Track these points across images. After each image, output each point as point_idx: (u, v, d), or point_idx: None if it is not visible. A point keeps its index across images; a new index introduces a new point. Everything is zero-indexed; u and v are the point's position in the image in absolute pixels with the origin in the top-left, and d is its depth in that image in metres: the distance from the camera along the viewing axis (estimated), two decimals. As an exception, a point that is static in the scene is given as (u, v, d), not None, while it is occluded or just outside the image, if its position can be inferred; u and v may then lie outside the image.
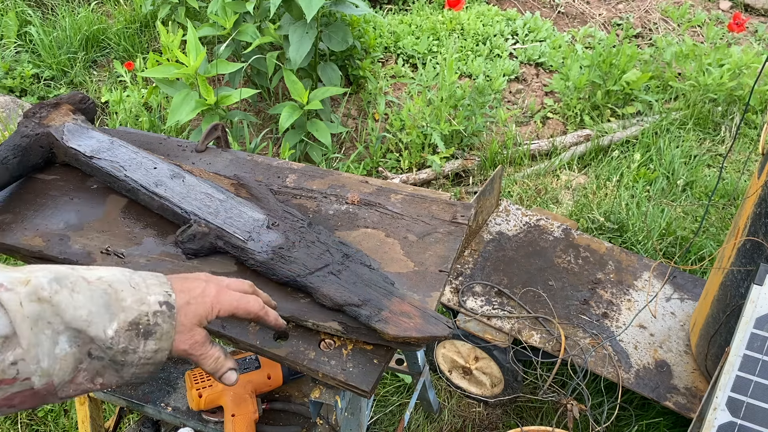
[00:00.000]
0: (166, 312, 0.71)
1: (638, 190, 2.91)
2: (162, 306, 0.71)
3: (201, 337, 0.76)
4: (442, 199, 1.22)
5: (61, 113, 1.26)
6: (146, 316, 0.69)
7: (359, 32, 3.52)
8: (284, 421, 1.36)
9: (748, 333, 1.37)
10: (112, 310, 0.67)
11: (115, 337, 0.67)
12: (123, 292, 0.69)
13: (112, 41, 3.86)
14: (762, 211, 1.55)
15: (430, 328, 0.93)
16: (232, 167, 1.30)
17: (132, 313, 0.68)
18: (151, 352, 0.71)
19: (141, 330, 0.69)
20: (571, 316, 1.97)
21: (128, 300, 0.69)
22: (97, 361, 0.67)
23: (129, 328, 0.68)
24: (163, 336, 0.71)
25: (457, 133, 3.14)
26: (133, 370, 0.70)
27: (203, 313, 0.76)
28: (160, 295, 0.72)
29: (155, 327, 0.70)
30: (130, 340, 0.68)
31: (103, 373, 0.68)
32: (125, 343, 0.68)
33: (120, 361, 0.68)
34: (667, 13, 4.36)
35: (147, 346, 0.70)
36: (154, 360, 0.72)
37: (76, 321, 0.65)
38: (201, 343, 0.77)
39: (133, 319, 0.68)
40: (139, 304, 0.69)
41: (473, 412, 2.09)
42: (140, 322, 0.69)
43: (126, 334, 0.68)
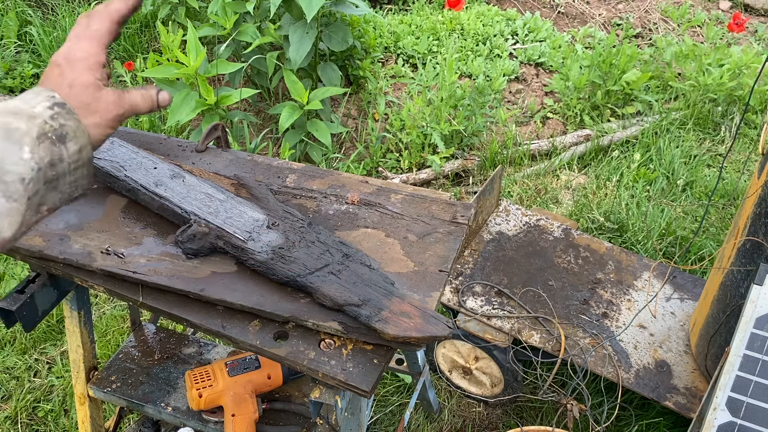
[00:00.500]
0: (61, 111, 0.69)
1: (638, 190, 2.91)
2: (54, 108, 0.68)
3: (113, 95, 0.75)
4: (442, 199, 1.22)
5: (61, 113, 1.26)
6: (46, 124, 0.67)
7: (359, 32, 3.52)
8: (284, 421, 1.37)
9: (748, 333, 1.37)
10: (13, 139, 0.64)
11: (33, 156, 0.65)
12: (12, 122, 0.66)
13: (112, 41, 3.86)
14: (762, 211, 1.55)
15: (430, 328, 0.93)
16: (232, 167, 1.30)
17: (33, 130, 0.66)
18: (75, 153, 0.69)
19: (52, 137, 0.67)
20: (571, 316, 1.97)
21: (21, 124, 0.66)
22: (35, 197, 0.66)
23: (40, 141, 0.66)
24: (77, 132, 0.70)
25: (457, 133, 3.14)
26: (68, 179, 0.69)
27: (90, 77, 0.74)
28: (45, 101, 0.69)
29: (63, 128, 0.68)
30: (50, 151, 0.66)
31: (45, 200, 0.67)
32: (47, 155, 0.66)
33: (52, 176, 0.67)
34: (667, 13, 4.37)
35: (69, 149, 0.68)
36: (83, 159, 0.70)
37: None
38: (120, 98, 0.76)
39: (37, 133, 0.66)
40: (31, 120, 0.66)
41: (473, 412, 2.09)
42: (45, 131, 0.67)
43: (42, 147, 0.66)
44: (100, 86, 0.75)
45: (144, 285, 1.04)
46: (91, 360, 1.44)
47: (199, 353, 1.55)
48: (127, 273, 1.04)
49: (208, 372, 1.35)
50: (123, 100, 0.77)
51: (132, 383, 1.46)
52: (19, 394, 2.11)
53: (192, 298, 1.02)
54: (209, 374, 1.34)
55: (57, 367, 2.19)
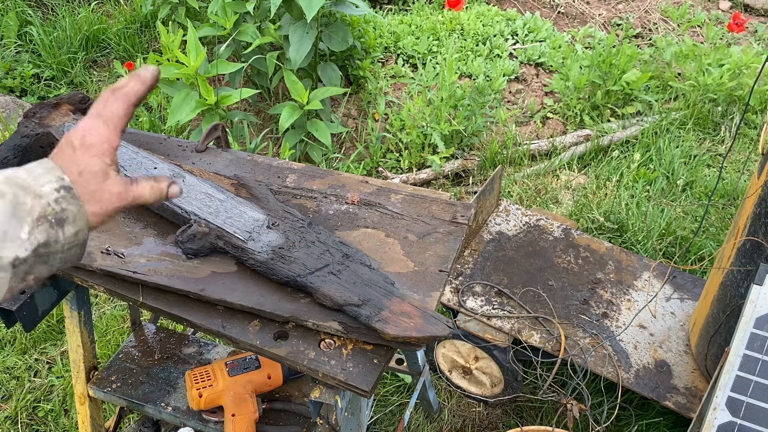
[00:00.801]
0: (66, 195, 0.70)
1: (638, 190, 2.91)
2: (60, 191, 0.70)
3: (118, 186, 0.76)
4: (442, 199, 1.22)
5: (62, 113, 1.27)
6: (49, 206, 0.68)
7: (359, 32, 3.52)
8: (284, 421, 1.37)
9: (748, 333, 1.37)
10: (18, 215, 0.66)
11: (30, 237, 0.67)
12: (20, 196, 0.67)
13: (113, 41, 3.86)
14: (762, 211, 1.55)
15: (430, 328, 0.93)
16: (232, 167, 1.30)
17: (35, 210, 0.67)
18: (71, 236, 0.71)
19: (52, 221, 0.68)
20: (571, 316, 1.97)
21: (28, 201, 0.67)
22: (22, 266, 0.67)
23: (39, 223, 0.67)
24: (76, 217, 0.71)
25: (457, 133, 3.14)
26: (60, 256, 0.71)
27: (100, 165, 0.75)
28: (53, 183, 0.70)
29: (64, 212, 0.70)
30: (46, 233, 0.68)
31: (33, 271, 0.69)
32: (43, 237, 0.68)
33: (44, 253, 0.69)
34: (666, 13, 4.37)
35: (66, 231, 0.70)
36: (78, 241, 0.72)
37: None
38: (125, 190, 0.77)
39: (38, 215, 0.67)
40: (37, 199, 0.68)
41: (473, 412, 2.09)
42: (46, 214, 0.68)
43: (40, 229, 0.67)
44: (108, 174, 0.76)
45: (144, 285, 1.04)
46: (91, 360, 1.45)
47: (199, 353, 1.55)
48: (127, 273, 1.04)
49: (208, 372, 1.35)
50: (128, 193, 0.77)
51: (132, 383, 1.46)
52: (20, 394, 2.11)
53: (192, 298, 1.03)
54: (209, 374, 1.34)
55: (57, 367, 2.19)
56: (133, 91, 0.80)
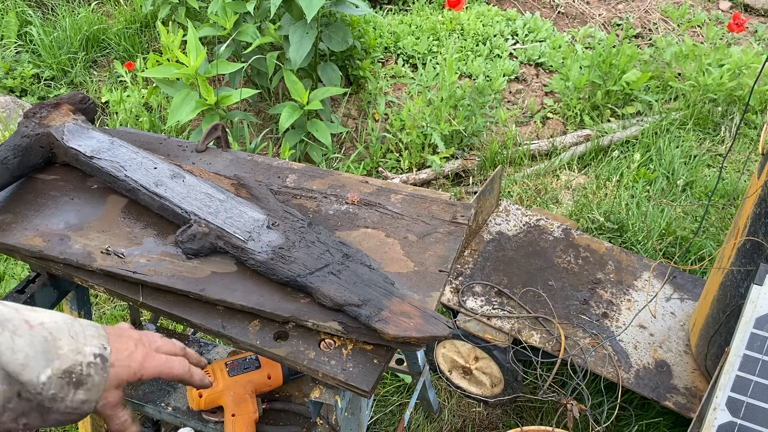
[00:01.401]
0: (99, 364, 0.72)
1: (638, 190, 2.91)
2: (97, 358, 0.72)
3: (115, 399, 0.77)
4: (442, 199, 1.22)
5: (62, 113, 1.27)
6: (80, 366, 0.70)
7: (359, 32, 3.52)
8: (284, 421, 1.37)
9: (748, 333, 1.37)
10: (48, 356, 0.68)
11: (47, 383, 0.67)
12: (61, 340, 0.69)
13: (113, 41, 3.86)
14: (762, 211, 1.55)
15: (430, 328, 0.93)
16: (232, 167, 1.30)
17: (67, 361, 0.69)
18: (78, 402, 0.71)
19: (74, 379, 0.70)
20: (571, 316, 1.97)
21: (65, 348, 0.69)
22: (25, 403, 0.67)
23: (62, 375, 0.68)
24: (94, 387, 0.72)
25: (457, 133, 3.14)
26: (56, 416, 0.70)
27: (125, 377, 0.77)
28: (96, 347, 0.72)
29: (87, 378, 0.71)
30: (60, 388, 0.69)
31: (28, 415, 0.68)
32: (56, 390, 0.68)
33: (47, 407, 0.69)
34: (666, 13, 4.37)
35: (76, 396, 0.70)
36: (80, 411, 0.72)
37: (11, 364, 0.65)
38: (113, 405, 0.77)
39: (67, 368, 0.69)
40: (75, 353, 0.70)
41: (473, 412, 2.09)
42: (74, 371, 0.70)
43: (58, 382, 0.68)
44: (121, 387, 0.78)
45: (144, 285, 1.04)
46: (91, 360, 1.44)
47: (199, 353, 1.55)
48: (127, 273, 1.04)
49: (208, 372, 1.35)
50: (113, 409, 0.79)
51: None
52: (19, 394, 2.10)
53: (192, 298, 1.03)
54: (209, 374, 1.34)
55: (57, 367, 2.19)
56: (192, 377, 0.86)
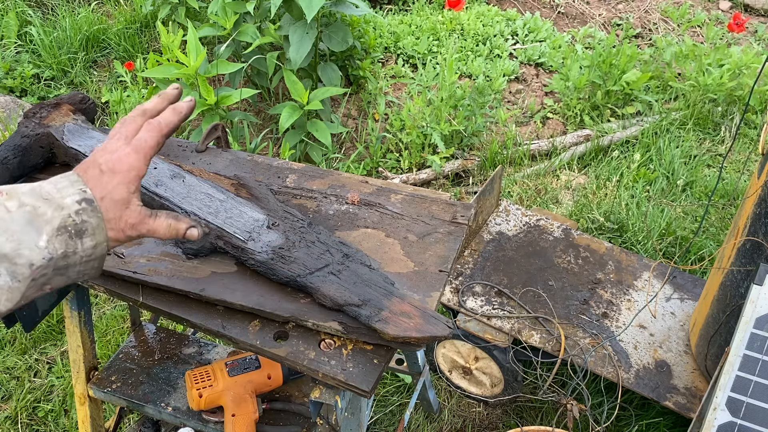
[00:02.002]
0: (87, 208, 0.72)
1: (638, 190, 2.91)
2: (81, 204, 0.72)
3: (136, 216, 0.77)
4: (442, 199, 1.22)
5: (62, 113, 1.27)
6: (70, 218, 0.70)
7: (359, 32, 3.52)
8: (284, 421, 1.37)
9: (748, 333, 1.37)
10: (35, 225, 0.68)
11: (48, 246, 0.68)
12: (40, 207, 0.69)
13: (113, 41, 3.86)
14: (762, 211, 1.55)
15: (430, 328, 0.93)
16: (232, 167, 1.30)
17: (56, 220, 0.69)
18: (90, 248, 0.72)
19: (71, 231, 0.70)
20: (571, 316, 1.97)
21: (48, 212, 0.69)
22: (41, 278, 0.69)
23: (59, 233, 0.69)
24: (96, 230, 0.72)
25: (457, 133, 3.14)
26: (78, 268, 0.72)
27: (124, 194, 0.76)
28: (76, 195, 0.72)
29: (84, 224, 0.71)
30: (65, 244, 0.69)
31: (50, 281, 0.70)
32: (62, 248, 0.69)
33: (62, 266, 0.70)
34: (666, 13, 4.37)
35: (84, 244, 0.71)
36: (96, 254, 0.73)
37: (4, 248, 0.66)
38: (141, 221, 0.77)
39: (58, 225, 0.69)
40: (58, 210, 0.70)
41: (473, 412, 2.09)
42: (66, 224, 0.70)
43: (59, 240, 0.69)
44: (129, 202, 0.76)
45: (144, 285, 1.04)
46: (91, 360, 1.45)
47: (199, 353, 1.55)
48: (127, 273, 1.04)
49: (208, 372, 1.35)
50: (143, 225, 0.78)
51: (132, 383, 1.46)
52: (20, 394, 2.11)
53: (192, 298, 1.03)
54: (209, 374, 1.34)
55: (57, 367, 2.19)
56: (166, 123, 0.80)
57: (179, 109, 0.82)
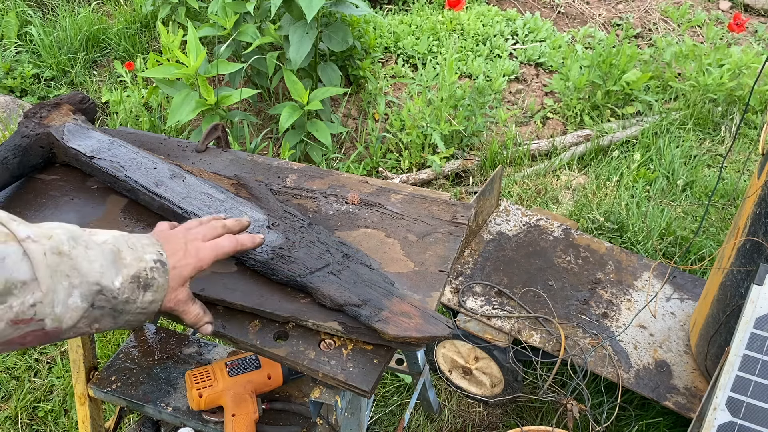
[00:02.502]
0: (160, 268, 0.83)
1: (638, 190, 2.91)
2: (156, 263, 0.82)
3: (184, 296, 0.88)
4: (442, 199, 1.22)
5: (62, 113, 1.27)
6: (145, 271, 0.80)
7: (359, 32, 3.52)
8: (284, 421, 1.37)
9: (748, 333, 1.37)
10: (117, 266, 0.78)
11: (121, 288, 0.77)
12: (123, 251, 0.79)
13: (113, 41, 3.86)
14: (762, 211, 1.55)
15: (430, 328, 0.93)
16: (232, 167, 1.30)
17: (133, 268, 0.79)
18: (147, 302, 0.82)
19: (141, 283, 0.80)
20: (571, 316, 1.97)
21: (128, 258, 0.79)
22: (98, 311, 0.76)
23: (132, 280, 0.79)
24: (159, 288, 0.82)
25: (457, 133, 3.14)
26: (128, 317, 0.81)
27: (188, 275, 0.87)
28: (154, 254, 0.83)
29: (152, 280, 0.81)
30: (132, 291, 0.79)
31: (101, 320, 0.78)
32: (129, 293, 0.79)
33: (120, 309, 0.79)
34: (667, 14, 4.37)
35: (145, 297, 0.81)
36: (148, 310, 0.83)
37: (92, 274, 0.74)
38: (184, 301, 0.88)
39: (134, 273, 0.79)
40: (138, 261, 0.80)
41: (473, 412, 2.09)
42: (141, 275, 0.80)
43: (130, 286, 0.78)
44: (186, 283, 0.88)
45: (144, 285, 1.04)
46: (91, 360, 1.45)
47: (199, 353, 1.55)
48: (127, 273, 1.04)
49: (208, 372, 1.35)
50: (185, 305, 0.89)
51: (132, 383, 1.46)
52: (20, 394, 2.11)
53: (192, 298, 1.02)
54: (209, 374, 1.34)
55: (57, 367, 2.19)
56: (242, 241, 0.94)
57: (255, 239, 0.97)
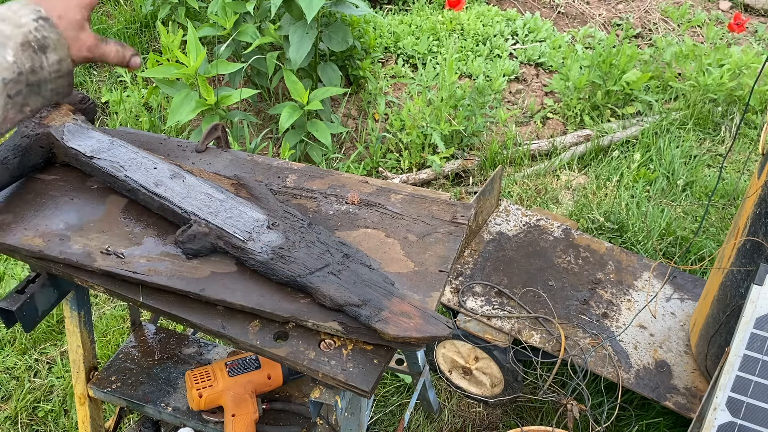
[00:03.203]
0: (45, 25, 0.76)
1: (638, 190, 2.91)
2: (38, 21, 0.76)
3: (92, 41, 0.83)
4: (442, 199, 1.22)
5: (61, 113, 1.27)
6: (30, 33, 0.74)
7: (359, 32, 3.52)
8: (284, 421, 1.37)
9: (748, 333, 1.37)
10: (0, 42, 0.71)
11: (17, 61, 0.72)
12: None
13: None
14: (762, 211, 1.55)
15: (430, 328, 0.93)
16: (232, 167, 1.30)
17: (17, 36, 0.73)
18: (55, 63, 0.77)
19: (35, 46, 0.74)
20: (571, 316, 1.97)
21: (7, 30, 0.73)
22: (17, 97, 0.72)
23: (23, 48, 0.73)
24: (57, 45, 0.77)
25: (457, 133, 3.14)
26: (50, 86, 0.77)
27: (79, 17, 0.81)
28: (31, 14, 0.76)
29: (45, 39, 0.76)
30: (31, 59, 0.74)
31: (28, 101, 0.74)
32: (29, 62, 0.73)
33: (33, 81, 0.74)
34: (667, 14, 4.37)
35: (49, 59, 0.76)
36: (63, 70, 0.78)
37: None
38: (95, 45, 0.84)
39: (21, 40, 0.73)
40: (17, 27, 0.74)
41: (473, 412, 2.09)
42: (29, 40, 0.74)
43: (25, 55, 0.73)
44: (84, 26, 0.82)
45: (144, 285, 1.04)
46: (91, 360, 1.44)
47: (199, 353, 1.55)
48: (127, 273, 1.04)
49: (208, 372, 1.35)
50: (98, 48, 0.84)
51: (132, 383, 1.46)
52: (19, 394, 2.11)
53: (192, 298, 1.03)
54: (209, 374, 1.34)
55: (57, 367, 2.19)
56: None
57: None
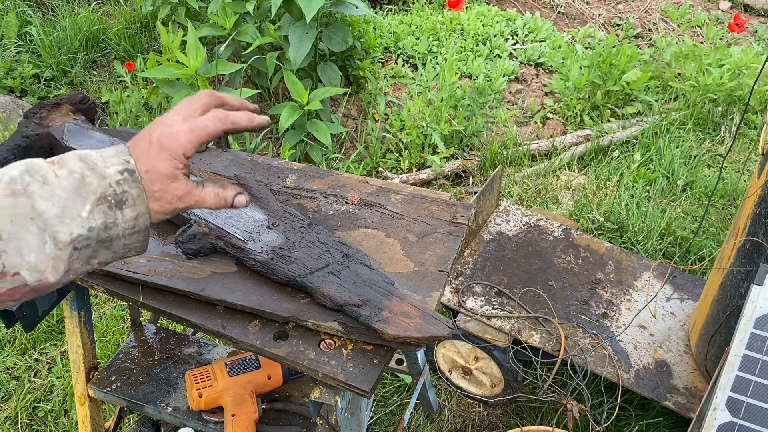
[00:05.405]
0: (128, 178, 0.72)
1: (638, 190, 2.91)
2: (123, 174, 0.71)
3: (183, 189, 0.76)
4: (442, 199, 1.22)
5: (62, 113, 1.27)
6: (110, 187, 0.70)
7: (359, 32, 3.52)
8: (284, 421, 1.37)
9: (748, 333, 1.37)
10: (82, 194, 0.69)
11: (90, 217, 0.69)
12: (88, 176, 0.69)
13: (113, 41, 3.86)
14: (762, 211, 1.55)
15: (430, 328, 0.93)
16: (232, 167, 1.30)
17: (98, 190, 0.69)
18: (131, 219, 0.72)
19: (111, 201, 0.70)
20: (571, 316, 1.97)
21: (94, 182, 0.70)
22: (85, 250, 0.69)
23: (98, 203, 0.69)
24: (136, 201, 0.72)
25: (457, 133, 3.14)
26: (122, 242, 0.72)
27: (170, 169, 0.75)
28: (118, 165, 0.71)
29: (124, 194, 0.71)
30: (104, 215, 0.70)
31: (96, 255, 0.71)
32: (102, 218, 0.69)
33: (105, 238, 0.70)
34: (666, 14, 4.37)
35: (125, 215, 0.71)
36: (139, 226, 0.73)
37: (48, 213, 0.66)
38: (188, 193, 0.76)
39: (99, 195, 0.69)
40: (102, 179, 0.70)
41: (473, 412, 2.09)
42: (107, 194, 0.70)
43: (98, 209, 0.69)
44: (176, 176, 0.75)
45: (144, 285, 1.04)
46: (91, 360, 1.44)
47: (199, 353, 1.55)
48: (127, 273, 1.04)
49: (208, 372, 1.35)
50: (191, 197, 0.77)
51: (132, 383, 1.46)
52: (19, 394, 2.11)
53: (192, 298, 1.03)
54: (209, 374, 1.34)
55: (57, 367, 2.19)
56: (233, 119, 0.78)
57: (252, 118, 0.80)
